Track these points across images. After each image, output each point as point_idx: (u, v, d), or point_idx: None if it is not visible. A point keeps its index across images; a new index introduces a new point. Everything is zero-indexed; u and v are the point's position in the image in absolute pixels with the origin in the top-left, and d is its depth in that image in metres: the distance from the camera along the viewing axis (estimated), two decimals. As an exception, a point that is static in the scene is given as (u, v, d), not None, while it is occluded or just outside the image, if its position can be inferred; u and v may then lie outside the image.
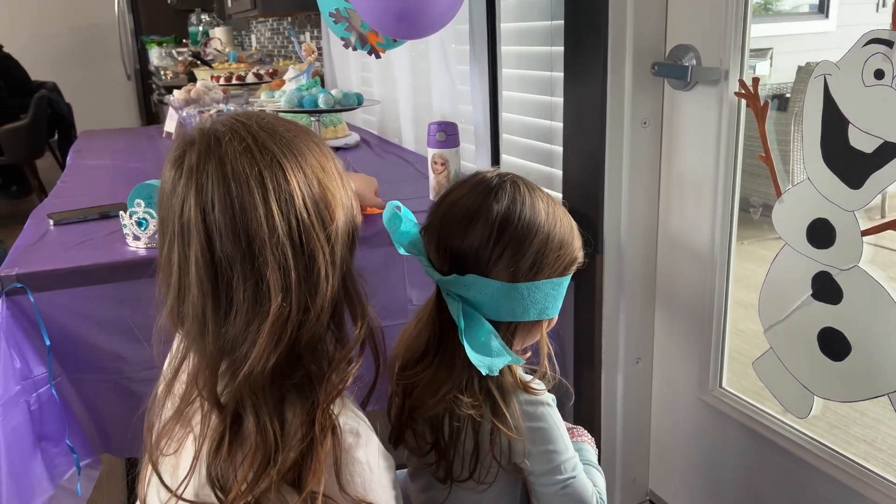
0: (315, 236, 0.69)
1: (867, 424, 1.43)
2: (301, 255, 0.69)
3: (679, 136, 1.34)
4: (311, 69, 2.17)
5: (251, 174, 0.67)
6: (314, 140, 0.74)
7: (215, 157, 0.68)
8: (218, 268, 0.68)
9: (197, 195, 0.67)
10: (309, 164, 0.71)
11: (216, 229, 0.67)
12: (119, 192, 1.74)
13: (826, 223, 1.06)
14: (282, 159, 0.69)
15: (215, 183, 0.67)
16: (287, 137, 0.71)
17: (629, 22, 1.30)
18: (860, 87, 0.97)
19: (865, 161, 0.99)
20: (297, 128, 0.74)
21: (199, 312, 0.69)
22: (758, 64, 1.30)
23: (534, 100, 1.73)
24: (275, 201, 0.67)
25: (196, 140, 0.70)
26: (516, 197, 0.83)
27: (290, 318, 0.68)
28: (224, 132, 0.70)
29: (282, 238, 0.67)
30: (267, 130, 0.70)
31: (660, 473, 1.57)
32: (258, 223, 0.67)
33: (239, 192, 0.67)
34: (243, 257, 0.67)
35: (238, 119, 0.72)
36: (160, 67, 4.78)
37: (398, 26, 1.33)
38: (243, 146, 0.68)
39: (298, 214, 0.68)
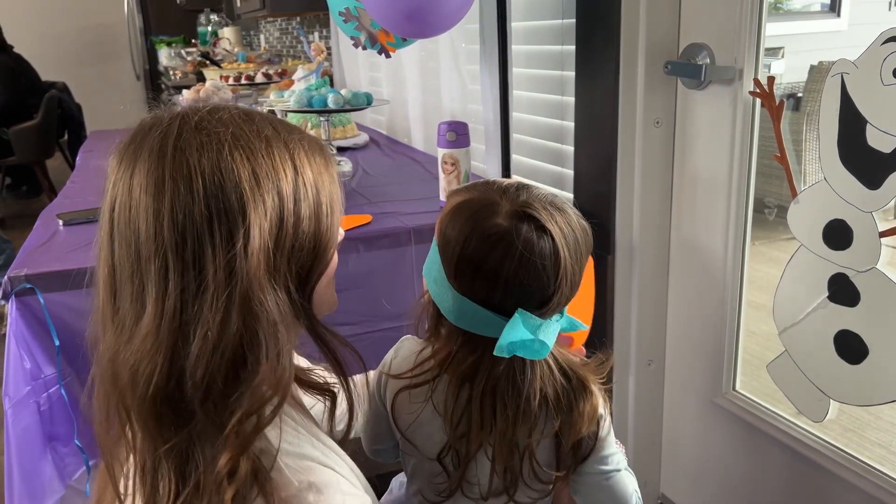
0: (208, 245, 0.59)
1: (882, 428, 1.42)
2: (189, 269, 0.58)
3: (692, 135, 1.33)
4: (320, 69, 2.16)
5: (156, 162, 0.60)
6: (260, 124, 0.64)
7: (134, 146, 0.63)
8: (114, 269, 0.61)
9: (113, 186, 0.63)
10: (230, 151, 0.60)
11: (115, 226, 0.61)
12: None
13: (843, 224, 1.04)
14: (191, 145, 0.60)
15: (125, 176, 0.61)
16: (219, 121, 0.62)
17: (642, 20, 1.29)
18: (879, 85, 0.96)
19: (884, 161, 0.97)
20: (244, 114, 0.65)
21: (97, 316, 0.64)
22: (773, 62, 1.29)
23: (545, 99, 1.72)
24: (169, 196, 0.58)
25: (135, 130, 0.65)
26: (575, 227, 0.78)
27: (163, 346, 0.58)
28: (156, 121, 0.64)
29: (166, 242, 0.58)
30: (201, 116, 0.63)
31: (671, 476, 1.56)
32: (145, 221, 0.59)
33: (139, 182, 0.60)
34: (132, 259, 0.60)
35: (186, 109, 0.65)
36: (169, 67, 4.79)
37: (408, 25, 1.32)
38: (160, 133, 0.62)
39: (191, 214, 0.58)
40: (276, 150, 0.63)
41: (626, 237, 1.41)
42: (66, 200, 1.74)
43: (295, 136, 0.66)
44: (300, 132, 0.68)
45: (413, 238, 1.43)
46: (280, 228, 0.62)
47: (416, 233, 1.44)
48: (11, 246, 3.34)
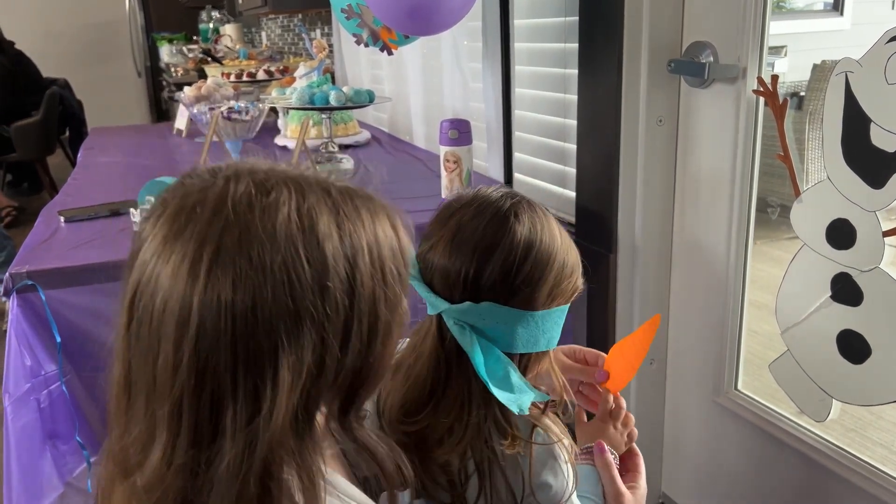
0: (229, 399, 0.51)
1: (884, 428, 1.41)
2: (203, 423, 0.51)
3: (695, 134, 1.33)
4: (321, 66, 2.16)
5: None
6: (322, 233, 0.52)
7: (169, 233, 0.52)
8: (129, 369, 0.54)
9: (142, 263, 0.53)
10: (272, 286, 0.50)
11: (137, 319, 0.52)
12: (129, 189, 1.73)
13: (846, 223, 1.04)
14: (227, 271, 0.50)
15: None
16: (269, 235, 0.51)
17: (645, 18, 1.28)
18: (883, 84, 0.95)
19: (888, 160, 0.97)
20: (305, 220, 0.52)
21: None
22: (776, 61, 1.28)
23: (547, 97, 1.71)
24: (193, 331, 0.50)
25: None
26: (535, 221, 0.76)
27: (170, 494, 0.52)
28: (198, 202, 0.52)
29: (183, 382, 0.51)
30: (247, 222, 0.51)
31: (672, 476, 1.55)
32: (165, 345, 0.51)
33: None
34: (147, 377, 0.53)
35: (237, 200, 0.52)
36: (170, 64, 4.79)
37: (410, 22, 1.32)
38: (198, 237, 0.51)
39: (215, 356, 0.50)
40: (332, 275, 0.51)
41: (628, 236, 1.41)
42: (67, 197, 1.74)
43: (365, 237, 0.54)
44: (374, 218, 0.56)
45: (415, 236, 1.43)
46: (318, 376, 0.52)
47: (417, 230, 1.43)
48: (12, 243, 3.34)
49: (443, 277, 0.75)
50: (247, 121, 2.03)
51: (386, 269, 0.55)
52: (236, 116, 2.01)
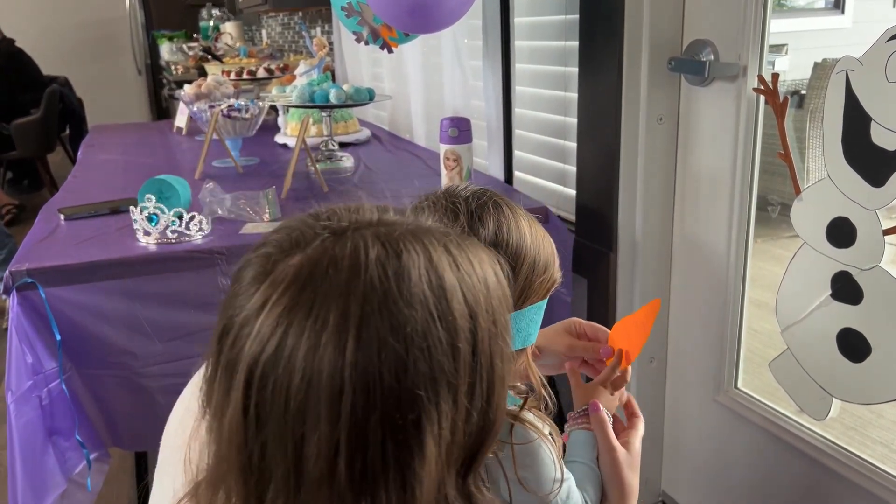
0: (381, 479, 0.48)
1: (884, 427, 1.41)
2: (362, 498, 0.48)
3: (695, 132, 1.33)
4: (322, 64, 2.16)
5: None
6: (450, 294, 0.49)
7: (298, 302, 0.47)
8: (260, 455, 0.48)
9: (257, 334, 0.48)
10: (413, 355, 0.47)
11: (262, 399, 0.47)
12: (130, 187, 1.73)
13: (847, 222, 1.04)
14: (372, 343, 0.47)
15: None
16: (407, 301, 0.48)
17: (645, 16, 1.28)
18: (884, 82, 0.95)
19: (888, 158, 0.97)
20: (438, 284, 0.49)
21: None
22: (777, 59, 1.28)
23: (547, 95, 1.71)
24: (348, 408, 0.46)
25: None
26: (501, 220, 0.75)
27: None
28: (328, 270, 0.48)
29: (340, 468, 0.47)
30: (387, 290, 0.48)
31: (673, 474, 1.55)
32: (315, 428, 0.47)
33: None
34: (289, 462, 0.48)
35: (371, 265, 0.48)
36: (171, 62, 4.79)
37: (411, 20, 1.32)
38: (340, 308, 0.47)
39: (364, 434, 0.47)
40: (461, 337, 0.49)
41: (628, 234, 1.41)
42: (67, 195, 1.74)
43: (480, 287, 0.52)
44: (483, 268, 0.53)
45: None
46: (452, 440, 0.49)
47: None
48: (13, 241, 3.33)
49: None
50: (247, 119, 2.03)
51: (497, 318, 0.53)
52: (236, 114, 2.01)
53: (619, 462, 0.84)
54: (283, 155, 2.16)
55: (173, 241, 1.31)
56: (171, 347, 1.26)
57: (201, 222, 1.33)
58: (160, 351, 1.25)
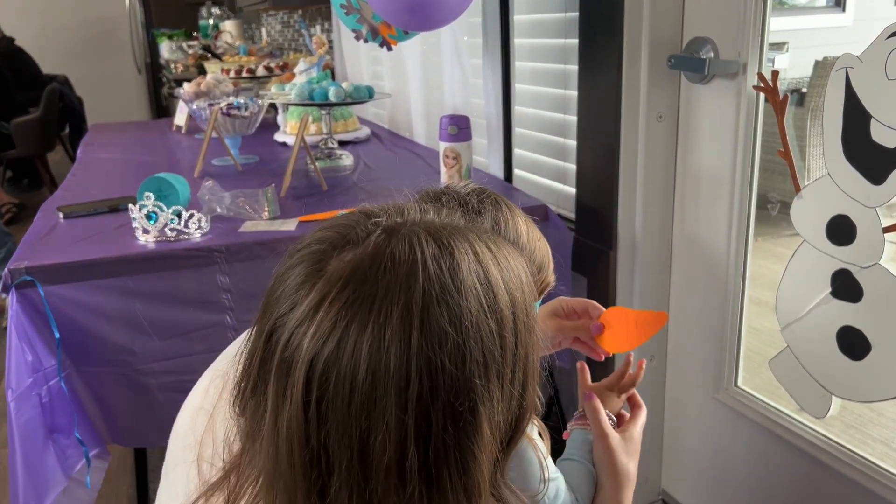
0: (443, 465, 0.49)
1: (884, 425, 1.41)
2: (431, 488, 0.49)
3: (695, 130, 1.32)
4: (321, 62, 2.16)
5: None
6: (497, 287, 0.52)
7: (360, 302, 0.48)
8: (320, 453, 0.49)
9: (314, 334, 0.49)
10: (468, 344, 0.49)
11: (324, 399, 0.48)
12: (129, 185, 1.73)
13: (846, 220, 1.04)
14: (434, 333, 0.48)
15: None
16: (460, 291, 0.50)
17: (645, 13, 1.28)
18: (883, 80, 0.95)
19: (888, 156, 0.96)
20: (484, 276, 0.52)
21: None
22: (777, 57, 1.28)
23: (547, 93, 1.71)
24: (415, 397, 0.48)
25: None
26: (499, 217, 0.76)
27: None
28: (385, 266, 0.49)
29: (410, 455, 0.48)
30: (443, 283, 0.50)
31: (672, 472, 1.55)
32: (383, 421, 0.48)
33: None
34: (354, 456, 0.49)
35: (426, 257, 0.50)
36: (170, 61, 4.79)
37: (410, 18, 1.31)
38: (402, 303, 0.49)
39: (429, 422, 0.48)
40: (506, 327, 0.52)
41: (628, 232, 1.41)
42: (66, 193, 1.74)
43: (515, 281, 0.54)
44: (517, 262, 0.56)
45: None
46: (501, 424, 0.52)
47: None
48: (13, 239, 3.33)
49: None
50: (246, 117, 2.03)
51: (530, 311, 0.55)
52: (236, 112, 2.00)
53: (612, 448, 0.84)
54: (283, 153, 2.16)
55: (172, 239, 1.31)
56: (170, 345, 1.26)
57: (200, 220, 1.33)
58: (159, 348, 1.25)
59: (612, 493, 0.84)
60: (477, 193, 0.77)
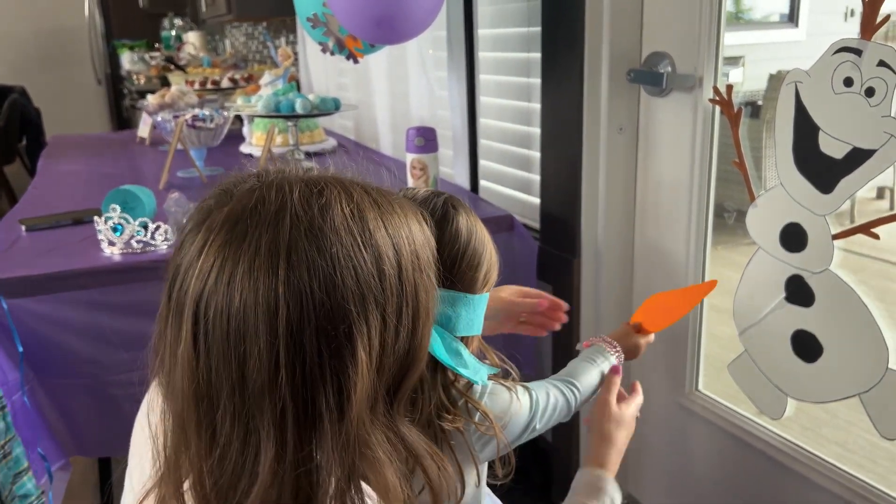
0: (319, 383, 0.53)
1: (839, 426, 1.46)
2: (307, 408, 0.53)
3: (655, 141, 1.36)
4: (287, 74, 2.16)
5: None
6: (372, 224, 0.56)
7: (232, 239, 0.53)
8: (206, 382, 0.53)
9: (198, 276, 0.53)
10: (340, 271, 0.53)
11: (206, 331, 0.53)
12: (92, 197, 1.71)
13: (798, 227, 1.08)
14: (302, 262, 0.52)
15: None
16: (332, 228, 0.54)
17: (605, 29, 1.32)
18: (830, 94, 0.99)
19: (836, 166, 1.01)
20: (356, 213, 0.56)
21: (179, 420, 0.56)
22: (731, 71, 1.33)
23: (512, 105, 1.74)
24: (285, 323, 0.51)
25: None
26: (468, 213, 0.82)
27: (287, 492, 0.53)
28: (256, 206, 0.54)
29: (282, 375, 0.52)
30: (312, 218, 0.54)
31: (637, 475, 1.58)
32: (257, 346, 0.51)
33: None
34: (233, 381, 0.52)
35: (295, 198, 0.55)
36: (132, 72, 4.73)
37: (377, 31, 1.33)
38: (269, 237, 0.53)
39: (302, 346, 0.52)
40: (385, 262, 0.55)
41: (591, 241, 1.44)
42: (28, 206, 1.71)
43: (403, 231, 0.58)
44: (406, 216, 0.60)
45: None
46: (382, 355, 0.56)
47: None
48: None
49: None
50: (212, 129, 2.02)
51: (421, 258, 0.59)
52: (201, 124, 2.00)
53: (609, 414, 0.96)
54: (250, 165, 2.15)
55: (139, 251, 1.30)
56: (137, 356, 1.25)
57: (167, 232, 1.33)
58: (126, 359, 1.24)
59: (595, 452, 0.94)
60: (436, 194, 0.83)
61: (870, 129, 0.96)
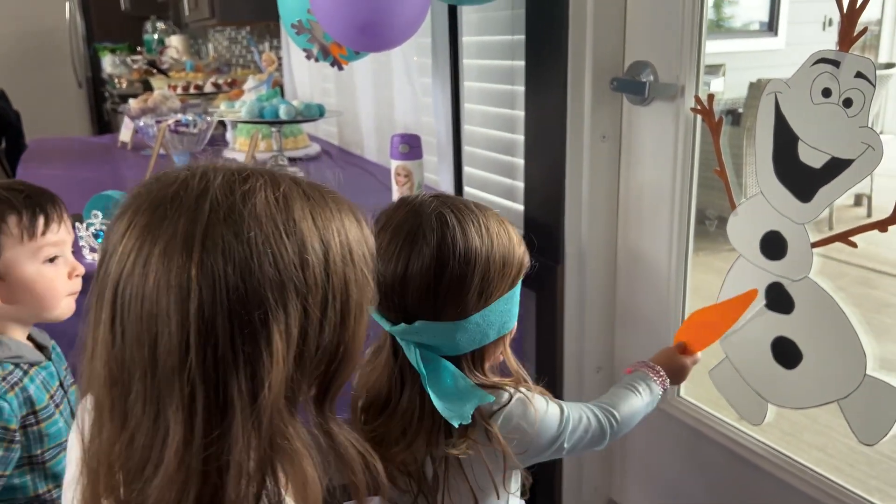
0: (231, 367, 0.52)
1: (819, 431, 1.48)
2: (217, 392, 0.52)
3: (637, 149, 1.37)
4: (271, 79, 2.16)
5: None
6: (297, 214, 0.56)
7: (151, 222, 0.54)
8: (120, 363, 0.53)
9: (119, 259, 0.53)
10: (258, 258, 0.53)
11: (122, 312, 0.53)
12: (73, 202, 1.69)
13: (778, 235, 1.10)
14: (217, 246, 0.52)
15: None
16: (251, 214, 0.54)
17: (588, 38, 1.33)
18: (809, 104, 1.01)
19: (814, 176, 1.02)
20: (281, 201, 0.56)
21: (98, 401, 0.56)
22: (713, 80, 1.34)
23: (496, 113, 1.75)
24: (196, 305, 0.51)
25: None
26: (445, 232, 0.78)
27: (194, 476, 0.52)
28: (178, 192, 0.54)
29: (192, 358, 0.51)
30: (232, 204, 0.54)
31: (620, 481, 1.59)
32: (167, 326, 0.51)
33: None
34: (145, 362, 0.52)
35: (216, 186, 0.56)
36: (114, 75, 4.69)
37: (361, 39, 1.33)
38: (186, 219, 0.54)
39: (214, 330, 0.51)
40: (309, 252, 0.55)
41: (574, 247, 1.45)
42: (7, 211, 1.69)
43: (334, 224, 0.58)
44: (339, 211, 0.59)
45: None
46: (303, 346, 0.55)
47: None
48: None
49: (382, 300, 0.79)
50: (195, 133, 2.01)
51: (354, 252, 0.58)
52: (184, 129, 1.99)
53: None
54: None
55: (121, 257, 1.29)
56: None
57: (149, 238, 1.32)
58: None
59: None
60: (422, 210, 0.80)
61: (848, 139, 0.97)
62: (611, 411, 0.92)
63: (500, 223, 0.84)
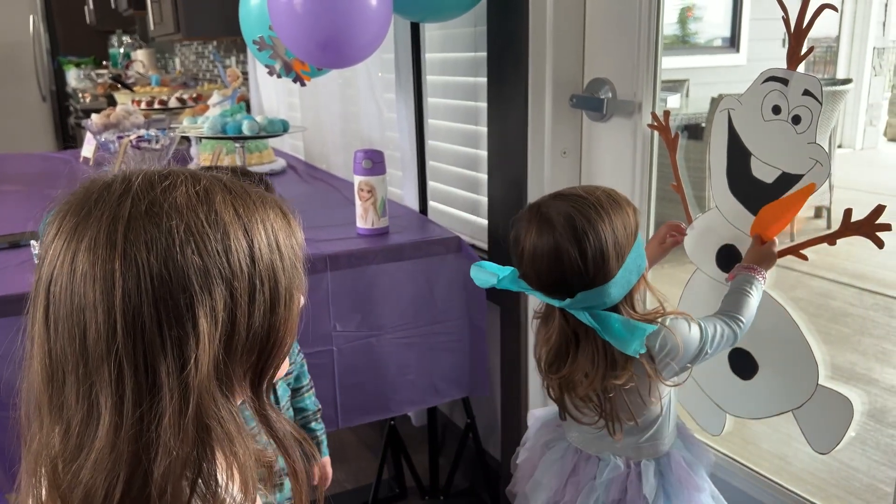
0: (160, 352, 0.54)
1: (780, 440, 1.50)
2: (144, 377, 0.54)
3: (597, 165, 1.39)
4: (236, 94, 2.15)
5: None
6: (219, 207, 0.58)
7: (77, 221, 0.56)
8: (53, 357, 0.56)
9: (50, 260, 0.56)
10: (180, 246, 0.55)
11: (54, 309, 0.55)
12: (31, 219, 1.67)
13: (733, 248, 1.12)
14: (139, 237, 0.54)
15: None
16: (172, 206, 0.56)
17: (548, 55, 1.35)
18: (760, 121, 1.04)
19: (766, 190, 1.05)
20: (202, 194, 0.58)
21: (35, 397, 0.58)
22: (669, 97, 1.37)
23: (459, 128, 1.76)
24: (120, 295, 0.53)
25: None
26: (574, 222, 0.96)
27: (123, 460, 0.54)
28: (102, 192, 0.56)
29: (119, 344, 0.54)
30: (153, 199, 0.57)
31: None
32: (94, 317, 0.53)
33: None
34: (76, 354, 0.54)
35: (138, 183, 0.58)
36: (78, 89, 4.64)
37: (322, 55, 1.34)
38: (108, 216, 0.56)
39: (141, 316, 0.53)
40: (232, 239, 0.57)
41: (537, 262, 1.46)
42: (-36, 228, 1.66)
43: (258, 215, 0.59)
44: (264, 204, 0.61)
45: (329, 265, 1.44)
46: (232, 330, 0.57)
47: (332, 259, 1.44)
48: None
49: (546, 288, 1.00)
50: (157, 149, 1.99)
51: (280, 242, 0.60)
52: (146, 145, 1.97)
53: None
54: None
55: (78, 275, 1.27)
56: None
57: (108, 256, 1.30)
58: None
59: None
60: (539, 207, 1.00)
61: (797, 155, 1.00)
62: (735, 316, 1.05)
63: (609, 197, 1.01)
